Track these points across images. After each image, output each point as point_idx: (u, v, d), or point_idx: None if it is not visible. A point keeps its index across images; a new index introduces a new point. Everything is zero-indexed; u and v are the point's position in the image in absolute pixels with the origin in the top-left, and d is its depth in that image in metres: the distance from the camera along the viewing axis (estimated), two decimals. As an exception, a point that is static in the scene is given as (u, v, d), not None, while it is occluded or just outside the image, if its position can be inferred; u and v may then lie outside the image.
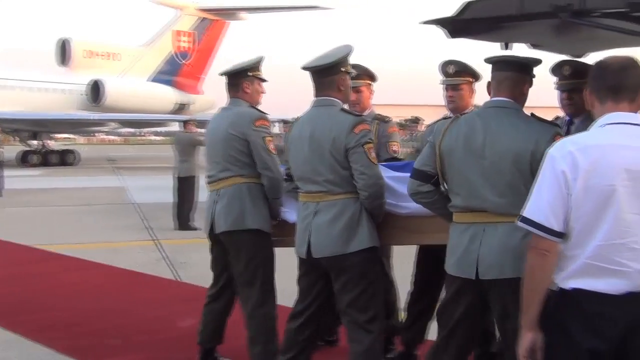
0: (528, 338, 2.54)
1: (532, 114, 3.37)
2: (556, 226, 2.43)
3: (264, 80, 4.59)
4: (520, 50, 3.99)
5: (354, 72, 4.12)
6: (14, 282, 7.78)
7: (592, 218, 2.41)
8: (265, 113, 4.49)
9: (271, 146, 4.35)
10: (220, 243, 4.58)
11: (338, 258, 3.76)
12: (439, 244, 3.70)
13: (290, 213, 4.41)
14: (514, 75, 3.32)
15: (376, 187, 3.76)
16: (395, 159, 4.60)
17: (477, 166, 3.23)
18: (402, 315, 5.01)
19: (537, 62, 3.45)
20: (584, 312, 2.44)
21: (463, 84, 4.43)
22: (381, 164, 4.02)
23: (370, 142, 3.77)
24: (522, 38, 3.83)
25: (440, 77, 4.47)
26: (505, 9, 3.15)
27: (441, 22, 3.47)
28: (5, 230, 11.83)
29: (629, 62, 2.55)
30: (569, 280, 2.46)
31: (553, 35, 3.67)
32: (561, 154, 2.44)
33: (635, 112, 2.51)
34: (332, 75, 3.85)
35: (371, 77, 4.86)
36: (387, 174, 3.92)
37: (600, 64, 2.59)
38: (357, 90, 4.59)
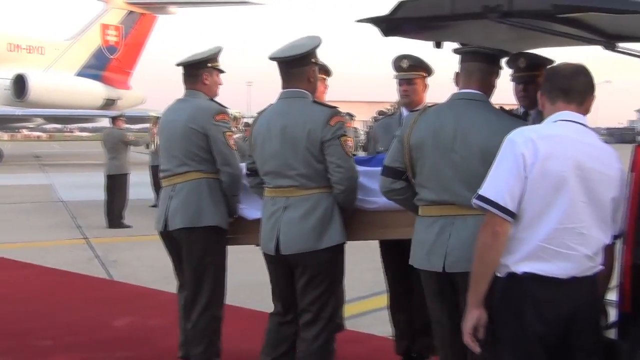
0: (474, 315, 2.65)
1: (501, 107, 3.39)
2: (510, 206, 2.56)
3: (222, 72, 4.48)
4: (452, 48, 4.07)
5: (323, 63, 4.03)
6: (-63, 284, 7.53)
7: (546, 201, 2.55)
8: (225, 107, 4.38)
9: (231, 141, 4.26)
10: (173, 241, 4.40)
11: (308, 254, 3.67)
12: (404, 238, 3.68)
13: (248, 210, 4.31)
14: (484, 67, 3.34)
15: (352, 180, 3.70)
16: None
17: (448, 159, 3.20)
18: (344, 312, 5.01)
19: (505, 54, 3.52)
20: (535, 298, 2.56)
21: (417, 78, 4.46)
22: None
23: (345, 135, 3.70)
24: (453, 37, 3.89)
25: (392, 72, 4.49)
26: (437, 9, 3.20)
27: (375, 21, 3.50)
28: None
29: (580, 68, 2.74)
30: (521, 263, 2.59)
31: (483, 35, 3.75)
32: (522, 139, 2.59)
33: (583, 115, 2.69)
34: (303, 66, 3.76)
35: (326, 71, 4.78)
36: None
37: (553, 69, 2.79)
38: None
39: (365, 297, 6.61)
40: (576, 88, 2.69)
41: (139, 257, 9.07)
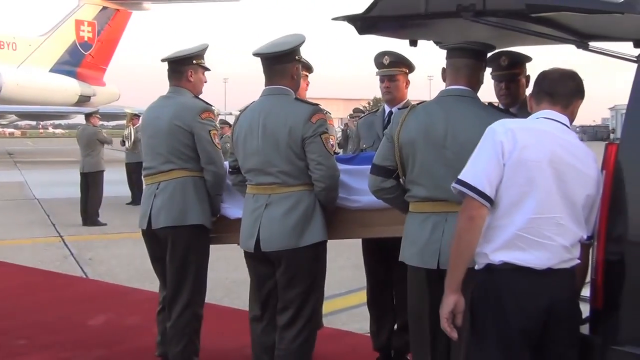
0: (452, 300, 2.67)
1: (490, 103, 3.42)
2: (488, 191, 2.61)
3: (207, 69, 4.43)
4: (426, 46, 4.10)
5: (305, 60, 4.00)
6: None
7: (523, 190, 2.60)
8: (210, 105, 4.34)
9: (217, 140, 4.20)
10: (155, 239, 4.35)
11: (290, 252, 3.64)
12: (386, 236, 3.68)
13: (230, 209, 4.27)
14: (471, 62, 3.35)
15: (333, 178, 3.67)
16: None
17: (439, 156, 3.20)
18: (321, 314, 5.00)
19: (492, 48, 3.53)
20: (513, 290, 2.60)
21: (399, 74, 4.45)
22: None
23: (326, 132, 3.68)
24: (427, 36, 3.92)
25: (374, 69, 4.48)
26: (411, 8, 3.21)
27: (351, 19, 3.51)
28: None
29: (568, 73, 2.81)
30: (498, 252, 2.62)
31: (457, 34, 3.78)
32: (503, 129, 2.66)
33: (568, 117, 2.76)
34: (286, 63, 3.74)
35: (308, 68, 4.71)
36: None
37: (543, 73, 2.83)
38: None
39: (341, 294, 6.62)
40: (561, 92, 2.76)
41: (115, 255, 9.03)
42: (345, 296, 6.54)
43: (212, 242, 4.40)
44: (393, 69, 4.44)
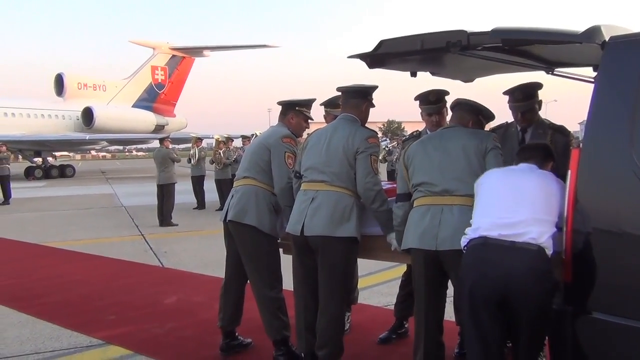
0: None
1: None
2: None
3: (310, 118, 4.37)
4: (424, 76, 4.08)
5: (374, 105, 3.92)
6: (25, 272, 7.59)
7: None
8: (295, 135, 4.26)
9: (289, 161, 4.09)
10: (228, 230, 4.27)
11: (325, 239, 3.57)
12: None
13: (374, 227, 3.84)
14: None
15: (371, 192, 3.58)
16: None
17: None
18: (357, 293, 5.01)
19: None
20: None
21: (443, 107, 4.18)
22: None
23: (376, 155, 3.67)
24: (424, 67, 3.90)
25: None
26: (410, 45, 3.21)
27: (362, 56, 3.51)
28: (15, 232, 11.55)
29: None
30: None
31: (448, 65, 3.77)
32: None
33: None
34: (361, 98, 3.79)
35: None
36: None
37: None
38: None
39: (363, 275, 6.59)
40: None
41: (184, 249, 9.09)
42: (366, 277, 6.51)
43: (282, 248, 4.20)
44: (439, 104, 4.17)
